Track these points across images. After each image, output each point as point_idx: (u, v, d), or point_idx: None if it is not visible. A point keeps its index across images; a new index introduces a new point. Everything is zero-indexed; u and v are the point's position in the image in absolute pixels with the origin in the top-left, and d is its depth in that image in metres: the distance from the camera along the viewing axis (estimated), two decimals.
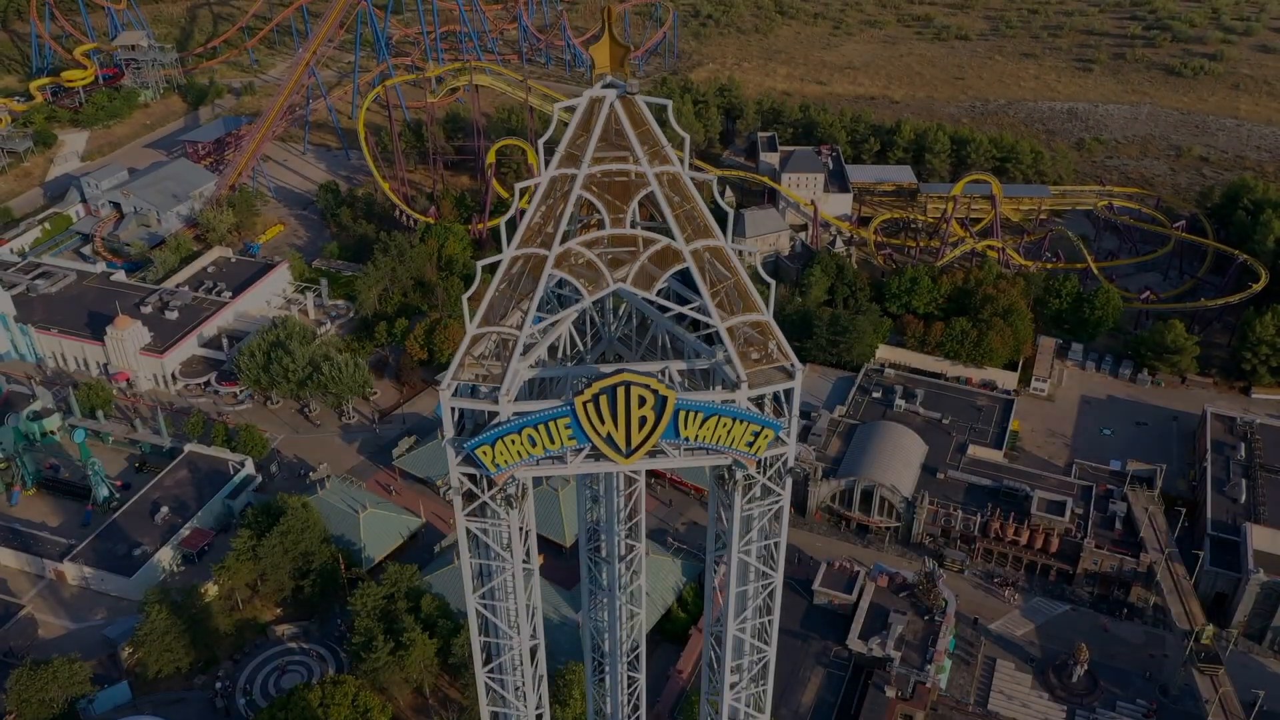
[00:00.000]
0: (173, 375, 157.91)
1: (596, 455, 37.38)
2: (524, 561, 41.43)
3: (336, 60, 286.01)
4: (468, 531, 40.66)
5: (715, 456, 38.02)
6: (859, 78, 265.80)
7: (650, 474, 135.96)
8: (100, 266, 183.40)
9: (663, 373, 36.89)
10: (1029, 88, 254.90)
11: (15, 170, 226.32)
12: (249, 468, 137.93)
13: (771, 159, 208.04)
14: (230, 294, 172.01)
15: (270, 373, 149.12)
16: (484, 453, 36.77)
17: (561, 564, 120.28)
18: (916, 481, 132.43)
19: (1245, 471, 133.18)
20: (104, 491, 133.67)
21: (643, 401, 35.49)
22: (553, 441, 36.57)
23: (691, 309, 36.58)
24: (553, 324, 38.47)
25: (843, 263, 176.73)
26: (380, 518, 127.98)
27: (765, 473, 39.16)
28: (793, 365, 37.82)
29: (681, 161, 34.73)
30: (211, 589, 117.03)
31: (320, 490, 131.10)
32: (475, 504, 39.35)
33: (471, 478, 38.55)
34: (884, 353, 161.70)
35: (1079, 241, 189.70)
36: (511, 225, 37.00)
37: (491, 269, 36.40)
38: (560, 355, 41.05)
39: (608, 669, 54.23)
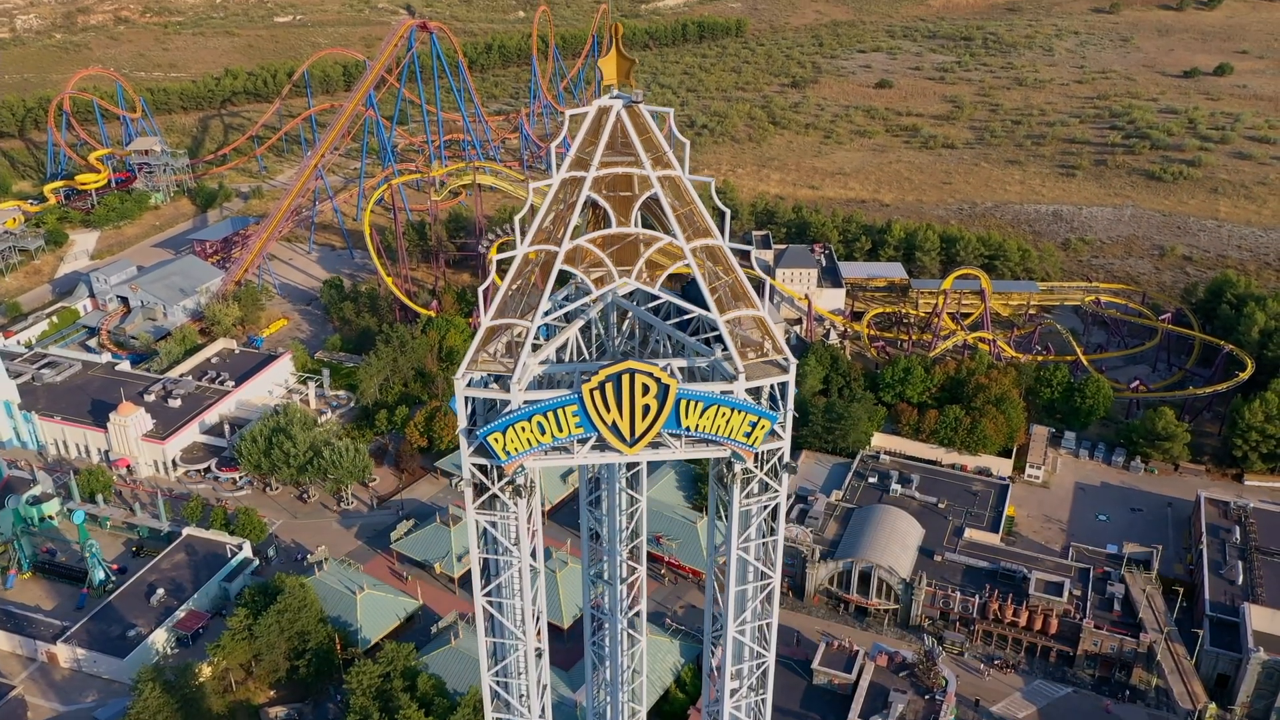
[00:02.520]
0: (173, 461, 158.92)
1: (602, 446, 39.09)
2: (530, 558, 42.59)
3: (342, 166, 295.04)
4: (478, 525, 42.02)
5: (715, 449, 39.72)
6: (850, 183, 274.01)
7: (651, 558, 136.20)
8: (105, 358, 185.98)
9: (665, 367, 38.83)
10: (1015, 191, 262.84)
11: (25, 267, 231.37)
12: (246, 551, 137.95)
13: (765, 256, 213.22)
14: (233, 383, 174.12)
15: (271, 458, 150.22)
16: (495, 440, 38.44)
17: (560, 646, 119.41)
18: (914, 564, 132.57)
19: (1241, 554, 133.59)
20: (100, 574, 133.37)
21: (646, 390, 37.39)
22: (561, 429, 38.30)
23: (692, 309, 38.67)
24: (562, 322, 40.54)
25: (837, 354, 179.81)
26: (377, 599, 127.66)
27: (762, 467, 40.78)
28: (786, 360, 39.91)
29: (681, 166, 37.56)
30: (205, 669, 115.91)
31: (318, 572, 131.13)
32: (485, 496, 40.87)
33: (482, 469, 40.18)
34: (879, 440, 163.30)
35: (1068, 335, 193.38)
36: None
37: (505, 267, 38.81)
38: (568, 361, 42.94)
39: (608, 700, 54.55)
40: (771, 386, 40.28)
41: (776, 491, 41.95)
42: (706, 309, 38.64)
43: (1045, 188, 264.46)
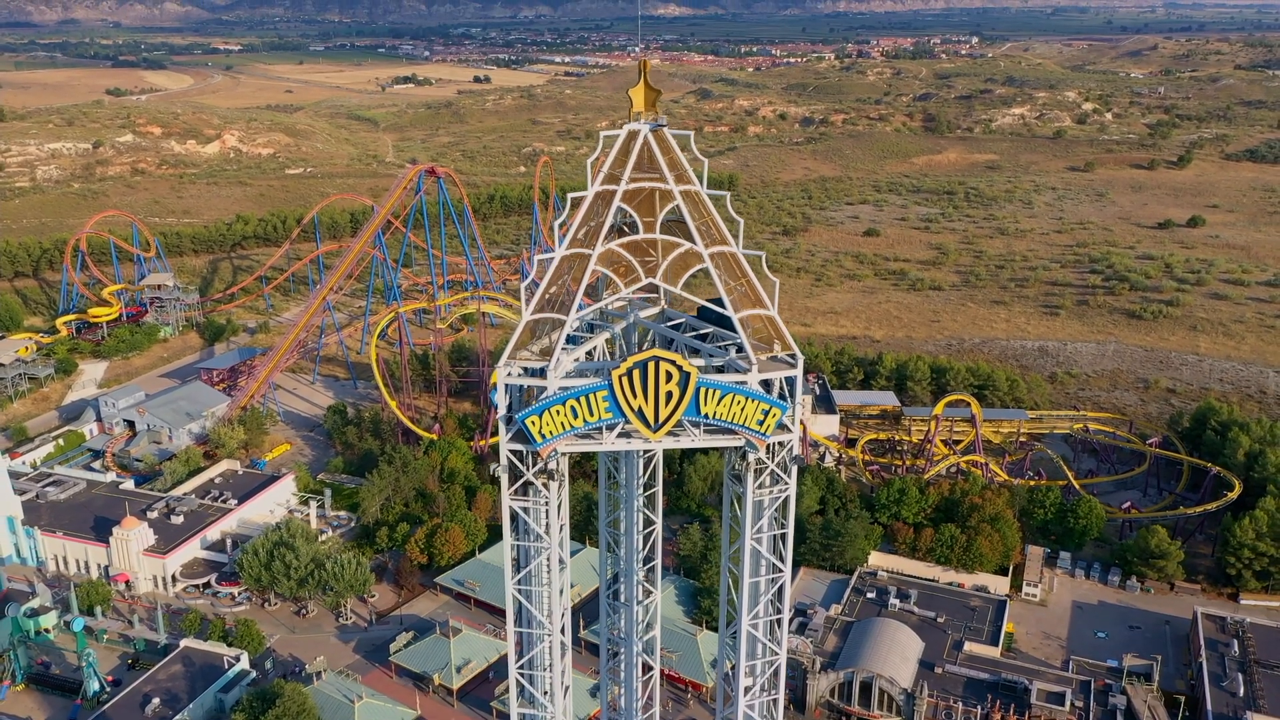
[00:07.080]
0: (173, 576, 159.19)
1: (628, 434, 42.59)
2: (559, 548, 45.26)
3: (348, 305, 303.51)
4: (511, 512, 44.94)
5: (730, 437, 43.18)
6: (841, 320, 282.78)
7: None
8: (110, 477, 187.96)
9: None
10: (1001, 328, 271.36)
11: (34, 394, 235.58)
12: (244, 662, 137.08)
13: None
14: (235, 501, 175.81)
15: (272, 570, 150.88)
16: (532, 423, 41.90)
17: None
18: (915, 675, 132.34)
19: (1241, 666, 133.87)
20: (95, 685, 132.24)
21: (670, 377, 41.26)
22: (592, 413, 41.79)
23: (712, 308, 42.70)
24: (588, 333, 44.67)
25: (833, 476, 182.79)
26: (375, 708, 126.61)
27: (773, 458, 44.14)
28: (794, 356, 43.96)
29: (701, 182, 42.59)
30: None
31: (316, 681, 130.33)
32: (519, 482, 44.03)
33: (518, 456, 43.48)
34: (877, 559, 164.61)
35: (1059, 460, 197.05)
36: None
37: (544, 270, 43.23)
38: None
39: None
40: (780, 382, 44.26)
41: (786, 484, 45.24)
42: (723, 308, 42.99)
43: (1030, 325, 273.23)
